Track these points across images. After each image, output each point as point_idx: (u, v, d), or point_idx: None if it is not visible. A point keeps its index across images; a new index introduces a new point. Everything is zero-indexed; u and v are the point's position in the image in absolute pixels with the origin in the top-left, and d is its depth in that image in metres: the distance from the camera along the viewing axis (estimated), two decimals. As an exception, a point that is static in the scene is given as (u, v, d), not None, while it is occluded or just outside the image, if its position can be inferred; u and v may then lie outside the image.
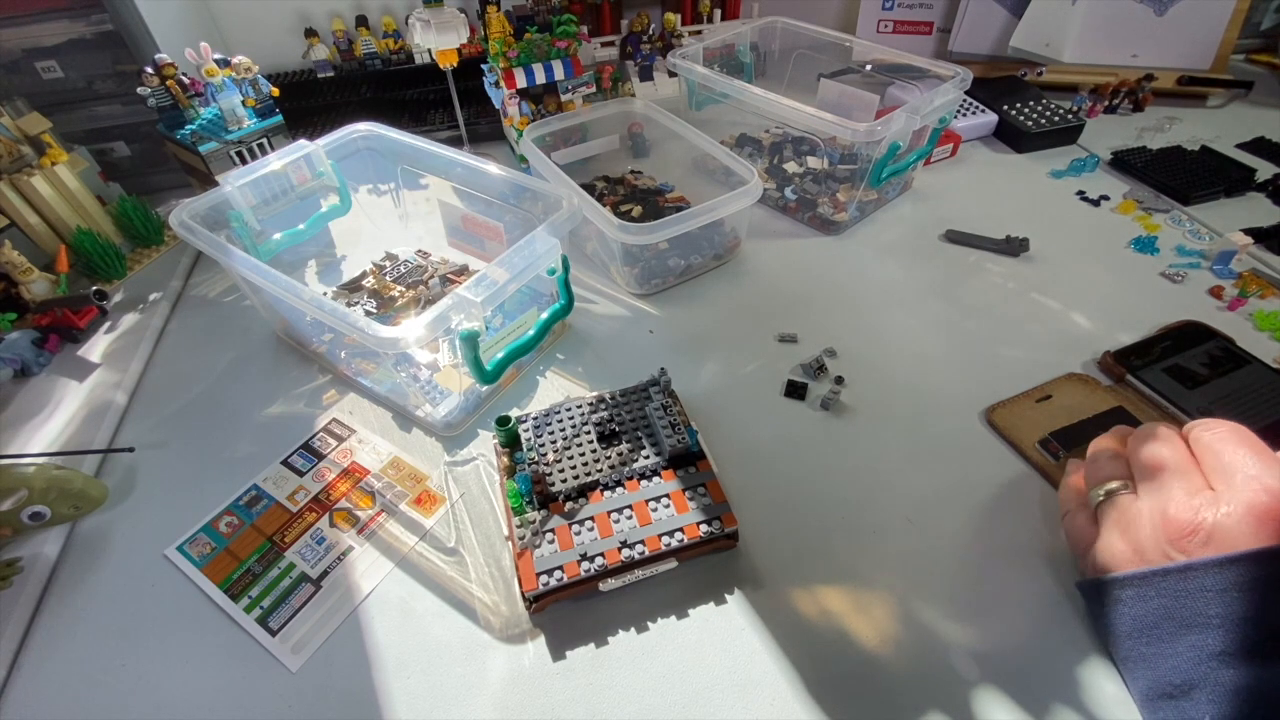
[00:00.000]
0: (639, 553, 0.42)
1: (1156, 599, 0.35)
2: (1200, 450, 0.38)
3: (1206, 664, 0.33)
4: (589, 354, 0.62)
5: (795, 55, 0.91)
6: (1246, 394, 0.53)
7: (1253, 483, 0.34)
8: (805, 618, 0.42)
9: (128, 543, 0.48)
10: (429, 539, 0.48)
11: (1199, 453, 0.38)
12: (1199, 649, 0.34)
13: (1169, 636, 0.35)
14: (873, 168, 0.69)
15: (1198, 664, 0.33)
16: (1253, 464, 0.35)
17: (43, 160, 0.69)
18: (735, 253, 0.72)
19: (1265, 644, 0.32)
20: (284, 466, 0.52)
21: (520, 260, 0.50)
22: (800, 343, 0.61)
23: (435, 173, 0.65)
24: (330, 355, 0.61)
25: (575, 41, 0.79)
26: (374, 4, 0.95)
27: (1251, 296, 0.64)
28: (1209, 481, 0.36)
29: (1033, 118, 0.89)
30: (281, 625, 0.43)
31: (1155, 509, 0.37)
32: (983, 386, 0.56)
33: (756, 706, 0.38)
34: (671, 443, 0.46)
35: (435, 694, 0.40)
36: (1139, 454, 0.40)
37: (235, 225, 0.59)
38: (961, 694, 0.38)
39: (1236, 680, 0.32)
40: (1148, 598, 0.36)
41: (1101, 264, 0.69)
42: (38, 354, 0.62)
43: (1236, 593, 0.33)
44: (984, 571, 0.44)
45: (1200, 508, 0.35)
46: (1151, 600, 0.36)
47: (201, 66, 0.69)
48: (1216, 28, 0.94)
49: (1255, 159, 0.83)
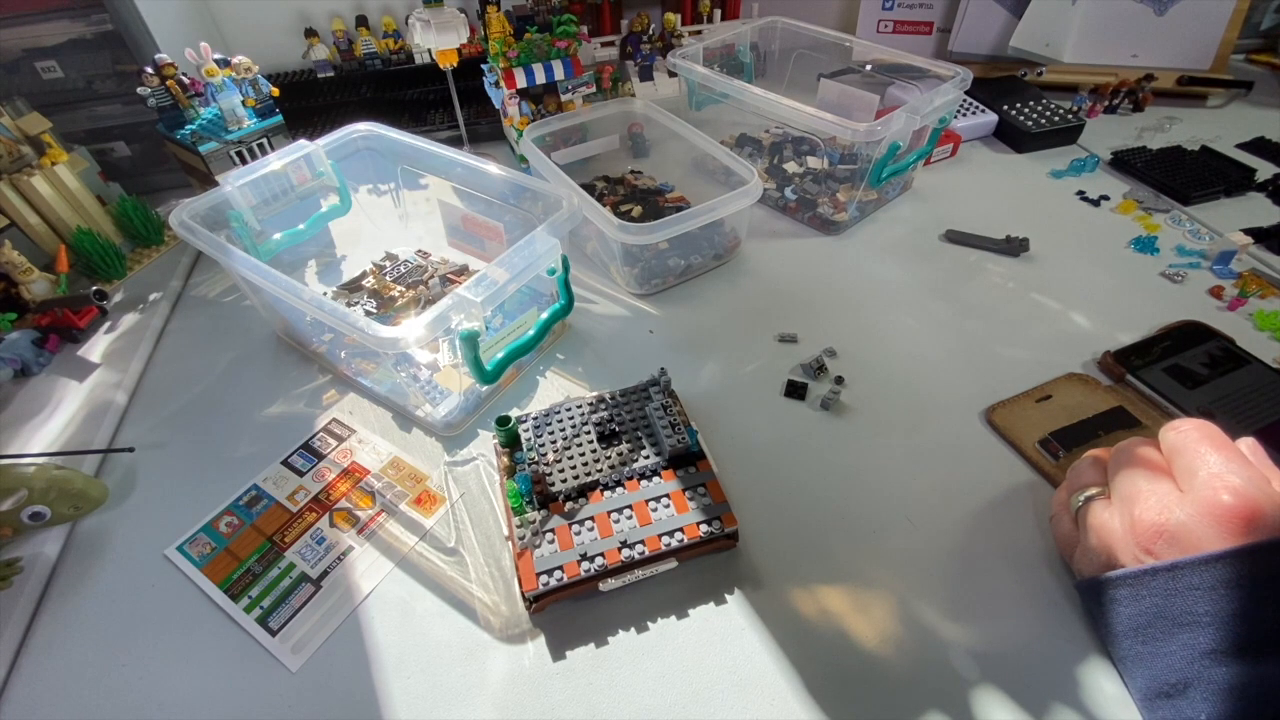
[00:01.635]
0: (639, 553, 0.42)
1: (1149, 598, 0.36)
2: (1168, 451, 0.39)
3: (1199, 662, 0.33)
4: (589, 354, 0.62)
5: (795, 55, 0.91)
6: (1246, 394, 0.53)
7: (1214, 480, 0.35)
8: (805, 618, 0.42)
9: (128, 543, 0.48)
10: (429, 539, 0.48)
11: (1167, 454, 0.39)
12: (1191, 647, 0.34)
13: (1162, 635, 0.35)
14: (873, 168, 0.69)
15: (1190, 662, 0.34)
16: (1215, 462, 0.35)
17: (43, 160, 0.69)
18: (735, 253, 0.72)
19: (1255, 641, 0.32)
20: (284, 466, 0.52)
21: (520, 260, 0.50)
22: (800, 343, 0.61)
23: (435, 173, 0.65)
24: (330, 355, 0.61)
25: (575, 41, 0.79)
26: (374, 4, 0.95)
27: (1251, 296, 0.64)
28: (1177, 483, 0.37)
29: (1033, 118, 0.89)
30: (281, 625, 0.43)
31: (1125, 512, 0.37)
32: (983, 386, 0.56)
33: (756, 706, 0.38)
34: (671, 443, 0.46)
35: (435, 694, 0.40)
36: (1114, 461, 0.40)
37: (235, 225, 0.59)
38: (961, 694, 0.38)
39: (1229, 678, 0.32)
40: (1141, 597, 0.36)
41: (1101, 264, 0.69)
42: (38, 354, 0.62)
43: (1223, 590, 0.33)
44: (983, 571, 0.44)
45: (1165, 509, 0.35)
46: (1144, 599, 0.36)
47: (201, 66, 0.69)
48: (1216, 28, 0.94)
49: (1255, 159, 0.83)
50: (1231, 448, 0.36)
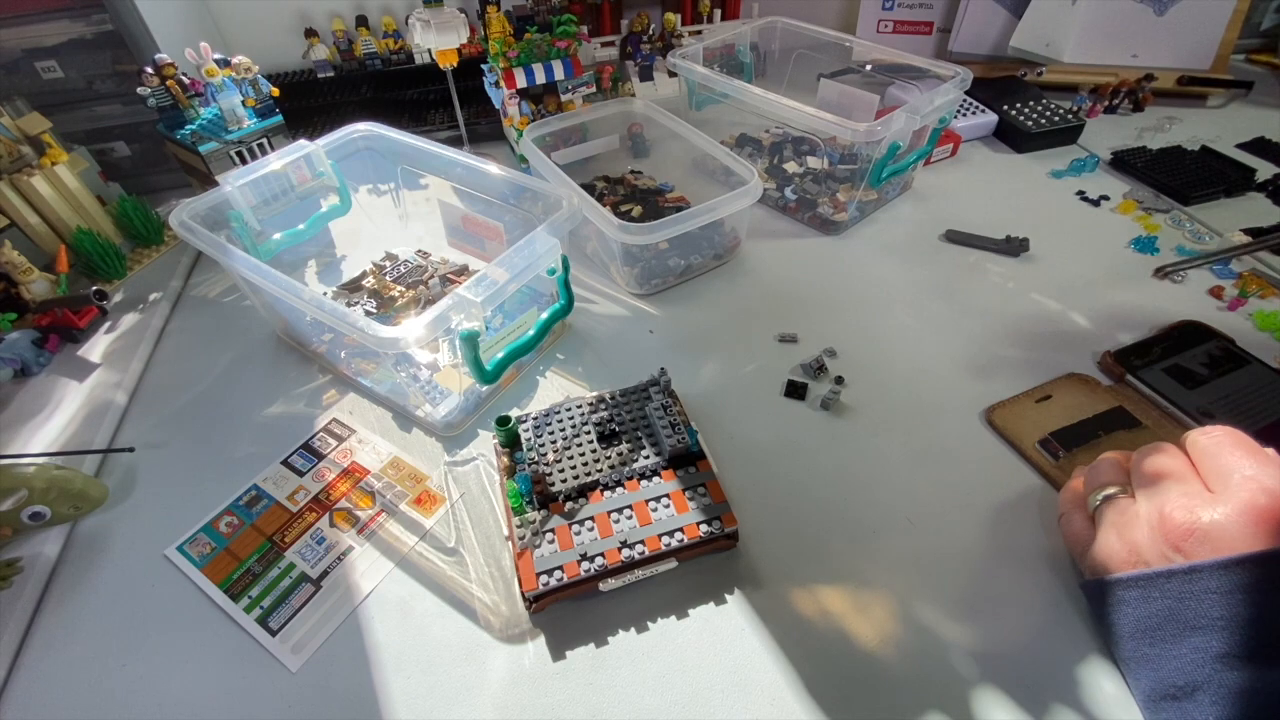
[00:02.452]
0: (639, 553, 0.42)
1: (1160, 600, 0.35)
2: (1197, 455, 0.38)
3: (1210, 665, 0.33)
4: (589, 354, 0.62)
5: (795, 55, 0.91)
6: (1246, 394, 0.53)
7: (1250, 483, 0.34)
8: (805, 618, 0.42)
9: (128, 543, 0.48)
10: (429, 539, 0.48)
11: (1196, 457, 0.38)
12: (1203, 650, 0.34)
13: (1172, 638, 0.35)
14: (873, 168, 0.69)
15: (1201, 665, 0.33)
16: (1249, 465, 0.35)
17: (43, 160, 0.69)
18: (735, 253, 0.72)
19: (1270, 646, 0.32)
20: (284, 466, 0.52)
21: (520, 260, 0.50)
22: (800, 343, 0.61)
23: (435, 173, 0.65)
24: (330, 355, 0.61)
25: (575, 41, 0.79)
26: (374, 4, 0.95)
27: (1251, 296, 0.64)
28: (1207, 485, 0.37)
29: (1033, 118, 0.89)
30: (281, 625, 0.43)
31: (1152, 510, 0.37)
32: (983, 386, 0.56)
33: (756, 706, 0.38)
34: (671, 443, 0.46)
35: (435, 694, 0.40)
36: (1139, 462, 0.40)
37: (235, 225, 0.59)
38: (961, 694, 0.38)
39: (1240, 682, 0.32)
40: (1151, 599, 0.36)
41: (1102, 264, 0.69)
42: (38, 354, 0.62)
43: (1241, 595, 0.33)
44: (984, 571, 0.44)
45: (1197, 508, 0.35)
46: (1155, 601, 0.36)
47: (201, 66, 0.69)
48: (1216, 28, 0.94)
49: (1255, 159, 0.83)
50: (1264, 453, 0.36)
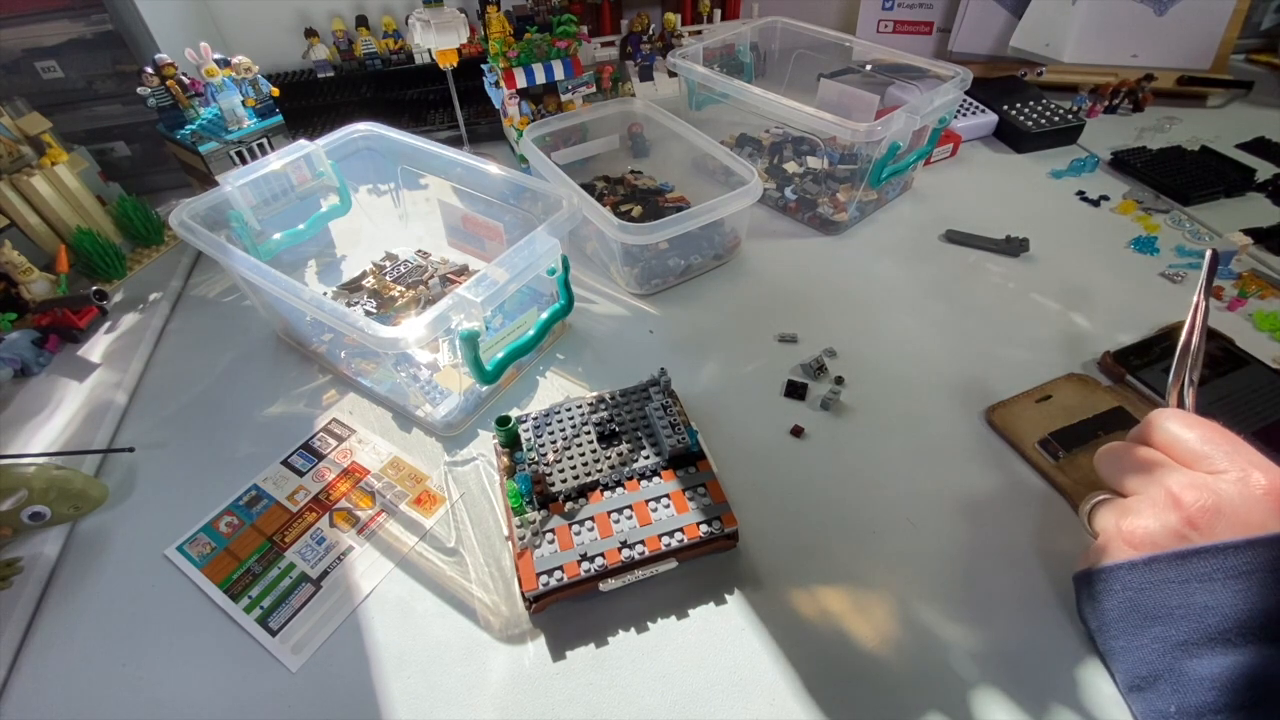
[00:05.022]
0: (639, 553, 0.42)
1: (1122, 592, 0.36)
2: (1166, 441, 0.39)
3: (1170, 654, 0.34)
4: (589, 354, 0.62)
5: (795, 55, 0.91)
6: (1246, 394, 0.53)
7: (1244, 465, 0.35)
8: (805, 618, 0.42)
9: (128, 543, 0.48)
10: (429, 539, 0.48)
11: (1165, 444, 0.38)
12: (1162, 640, 0.35)
13: (1136, 629, 0.36)
14: (873, 168, 0.69)
15: (1162, 655, 0.34)
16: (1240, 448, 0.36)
17: (43, 160, 0.69)
18: (735, 253, 0.72)
19: (1229, 633, 0.33)
20: (284, 466, 0.52)
21: (520, 260, 0.50)
22: (800, 343, 0.61)
23: (435, 173, 0.65)
24: (330, 355, 0.61)
25: (575, 41, 0.79)
26: (374, 4, 0.95)
27: (1251, 297, 0.64)
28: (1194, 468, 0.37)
29: (1033, 118, 0.89)
30: (281, 625, 0.43)
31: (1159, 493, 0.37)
32: (983, 386, 0.56)
33: (756, 706, 0.38)
34: (671, 443, 0.46)
35: (435, 694, 0.40)
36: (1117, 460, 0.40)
37: (235, 225, 0.59)
38: (961, 694, 0.38)
39: (1198, 670, 0.33)
40: (1113, 591, 0.37)
41: (1101, 264, 0.69)
42: (38, 354, 0.62)
43: (1196, 584, 0.33)
44: (983, 572, 0.44)
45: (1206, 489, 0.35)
46: (1117, 594, 0.37)
47: (201, 66, 0.69)
48: (1216, 28, 0.94)
49: (1255, 159, 0.83)
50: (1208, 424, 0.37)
